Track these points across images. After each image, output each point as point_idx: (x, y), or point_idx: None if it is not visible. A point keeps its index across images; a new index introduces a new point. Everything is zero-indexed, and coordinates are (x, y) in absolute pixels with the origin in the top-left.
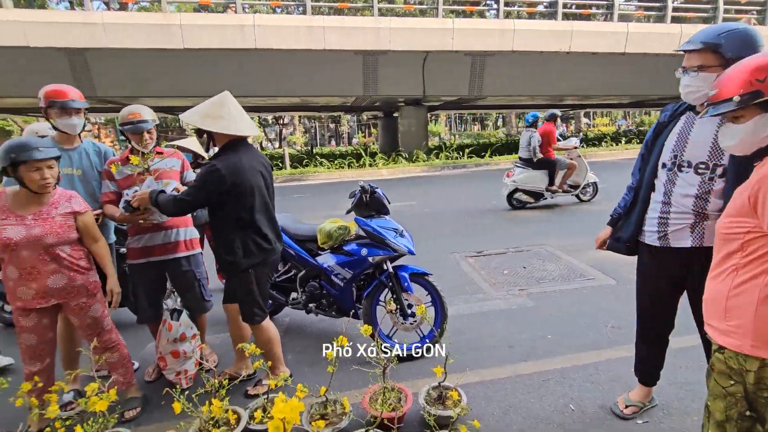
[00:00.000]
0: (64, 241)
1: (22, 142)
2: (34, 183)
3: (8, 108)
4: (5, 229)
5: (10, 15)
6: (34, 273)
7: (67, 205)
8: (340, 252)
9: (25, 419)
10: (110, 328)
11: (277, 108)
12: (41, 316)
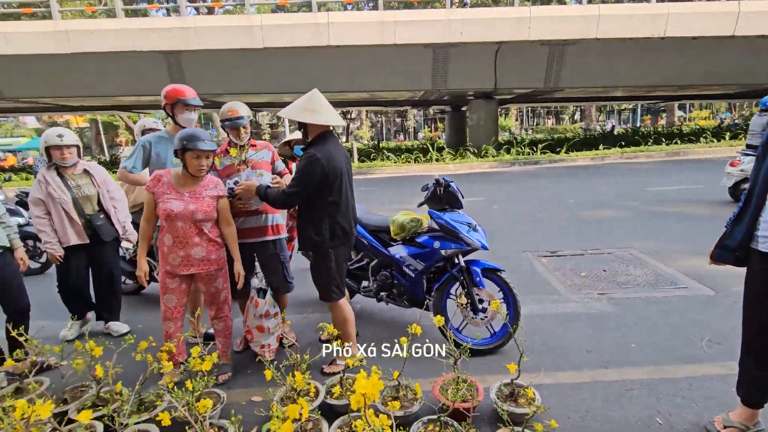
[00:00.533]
0: (208, 219)
1: (193, 133)
2: (193, 167)
3: (116, 105)
4: (169, 201)
5: (122, 24)
6: (183, 242)
7: (214, 189)
8: (413, 244)
9: (144, 372)
10: (225, 299)
11: (346, 103)
12: (182, 281)
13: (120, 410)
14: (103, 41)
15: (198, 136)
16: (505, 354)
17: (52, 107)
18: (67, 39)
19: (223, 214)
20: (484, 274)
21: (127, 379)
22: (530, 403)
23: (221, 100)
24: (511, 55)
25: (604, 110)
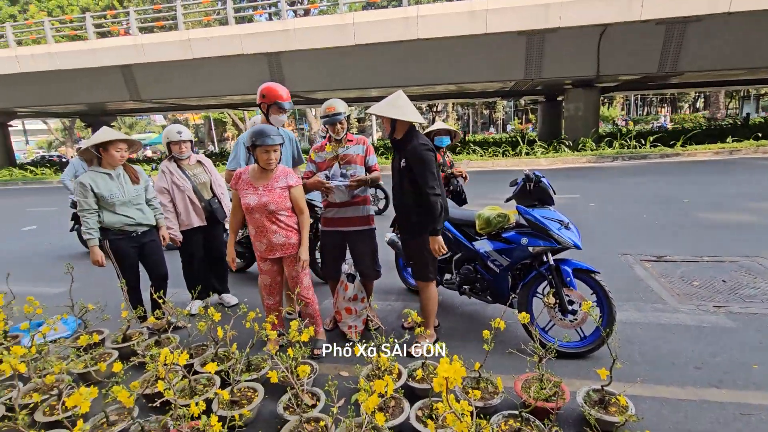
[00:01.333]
0: (282, 208)
1: (262, 130)
2: (263, 161)
3: (225, 104)
4: (246, 196)
5: (232, 30)
6: (263, 231)
7: (284, 180)
8: (499, 239)
9: (252, 338)
10: (307, 285)
11: (433, 96)
12: (272, 263)
13: (234, 368)
14: (217, 46)
15: (266, 133)
16: (594, 360)
17: (175, 107)
18: (189, 46)
19: (296, 202)
20: (575, 275)
21: (238, 343)
22: (622, 412)
23: (314, 97)
24: (618, 38)
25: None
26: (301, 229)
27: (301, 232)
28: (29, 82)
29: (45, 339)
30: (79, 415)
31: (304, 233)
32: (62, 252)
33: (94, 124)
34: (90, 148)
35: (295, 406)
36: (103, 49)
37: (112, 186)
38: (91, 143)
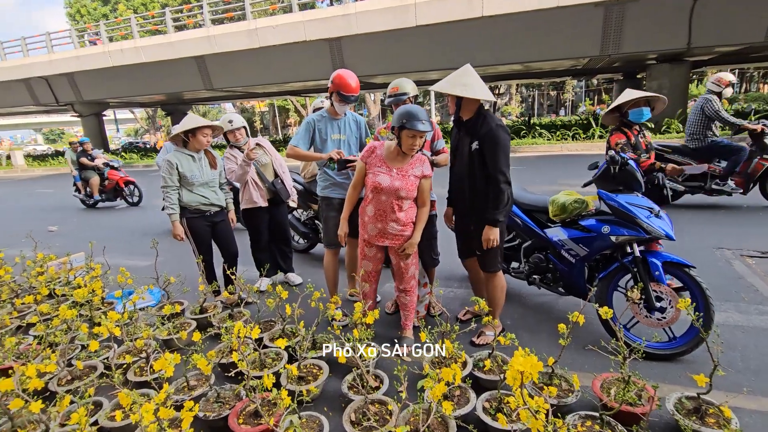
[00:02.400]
0: (410, 197)
1: (414, 112)
2: (407, 146)
3: (288, 91)
4: (379, 174)
5: (295, 17)
6: (383, 215)
7: (419, 168)
8: (575, 227)
9: (318, 317)
10: (413, 275)
11: (496, 77)
12: (378, 250)
13: (300, 345)
14: (282, 34)
15: (417, 116)
16: (683, 364)
17: (243, 95)
18: (256, 35)
19: (421, 193)
20: (666, 269)
21: (304, 321)
22: (724, 425)
23: (373, 81)
24: (716, 5)
25: None
26: (419, 222)
27: (416, 224)
28: (119, 75)
29: (135, 307)
30: (165, 378)
31: (419, 226)
32: (149, 229)
33: (173, 113)
34: (180, 133)
35: (359, 387)
36: (180, 42)
37: (193, 167)
38: (181, 129)
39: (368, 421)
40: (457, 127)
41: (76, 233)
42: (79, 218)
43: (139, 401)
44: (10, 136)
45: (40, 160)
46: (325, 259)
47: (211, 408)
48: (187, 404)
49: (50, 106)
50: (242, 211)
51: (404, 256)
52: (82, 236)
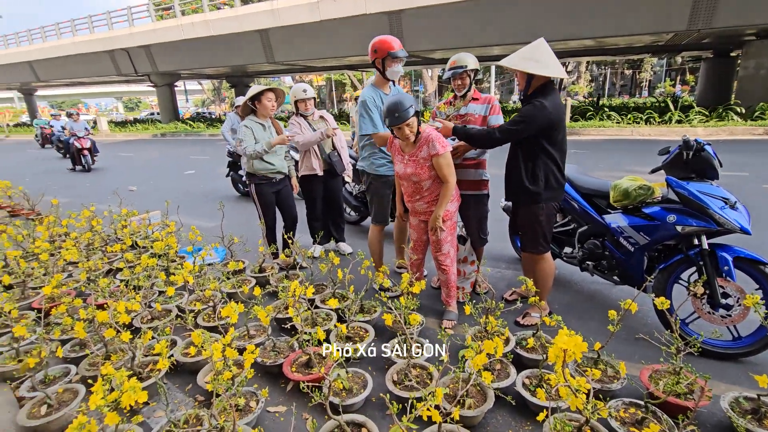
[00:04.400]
0: (424, 178)
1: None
2: (401, 136)
3: (345, 65)
4: (396, 163)
5: None
6: (410, 196)
7: (426, 149)
8: (637, 214)
9: (366, 284)
10: (446, 252)
11: (564, 53)
12: (420, 221)
13: (350, 308)
14: (343, 7)
15: (393, 110)
16: (747, 364)
17: (303, 68)
18: (318, 8)
19: (438, 170)
20: (736, 265)
21: (353, 287)
22: None
23: (432, 57)
24: None
25: None
26: (442, 197)
27: (440, 200)
28: (190, 48)
29: (203, 261)
30: (230, 324)
31: (441, 201)
32: (215, 193)
33: (237, 85)
34: (246, 102)
35: (403, 351)
36: (245, 15)
37: (264, 135)
38: (246, 98)
39: (410, 381)
40: (524, 105)
41: (150, 193)
42: (156, 181)
43: (210, 340)
44: (96, 103)
45: (120, 126)
46: (371, 233)
47: (268, 355)
48: (249, 347)
49: (130, 76)
50: (300, 178)
51: (433, 230)
52: (156, 196)
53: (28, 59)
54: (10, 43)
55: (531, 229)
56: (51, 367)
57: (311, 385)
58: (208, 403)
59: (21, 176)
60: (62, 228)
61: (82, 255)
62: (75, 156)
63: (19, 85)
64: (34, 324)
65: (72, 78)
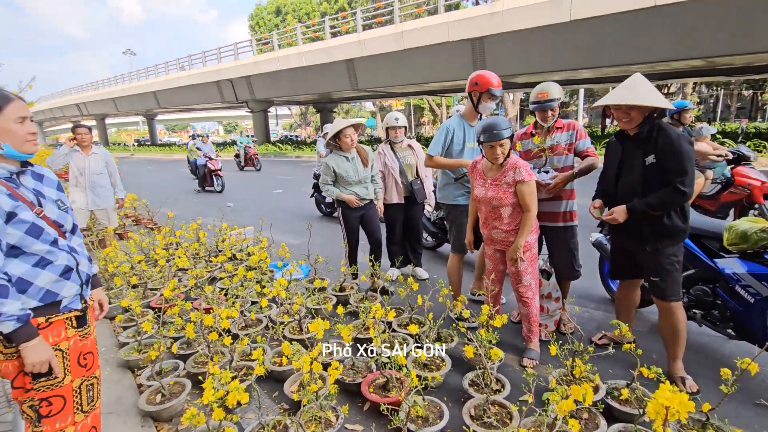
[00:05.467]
0: (505, 204)
1: (489, 124)
2: (489, 156)
3: (425, 91)
4: (476, 187)
5: (440, 19)
6: (486, 223)
7: (512, 174)
8: (759, 260)
9: (444, 312)
10: (528, 284)
11: (667, 75)
12: (496, 250)
13: (427, 334)
14: (426, 36)
15: (491, 127)
16: None
17: (383, 94)
18: (401, 38)
19: (521, 199)
20: None
21: (432, 314)
22: None
23: (514, 81)
24: None
25: None
26: (523, 227)
27: (520, 230)
28: (284, 78)
29: (291, 277)
30: (316, 339)
31: (522, 231)
32: (301, 212)
33: (322, 111)
34: (329, 140)
35: (481, 386)
36: (335, 47)
37: (348, 167)
38: (329, 137)
39: (489, 418)
40: (621, 142)
41: (245, 209)
42: (250, 198)
43: (301, 352)
44: (201, 126)
45: (220, 147)
46: (450, 262)
47: (347, 373)
48: (333, 363)
49: (231, 103)
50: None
51: (512, 261)
52: (249, 213)
53: (153, 89)
54: (141, 76)
55: (670, 274)
56: (165, 361)
57: (390, 408)
58: (292, 411)
59: (159, 192)
60: (175, 238)
61: (190, 263)
62: (206, 177)
63: (144, 111)
64: (154, 321)
65: (185, 105)
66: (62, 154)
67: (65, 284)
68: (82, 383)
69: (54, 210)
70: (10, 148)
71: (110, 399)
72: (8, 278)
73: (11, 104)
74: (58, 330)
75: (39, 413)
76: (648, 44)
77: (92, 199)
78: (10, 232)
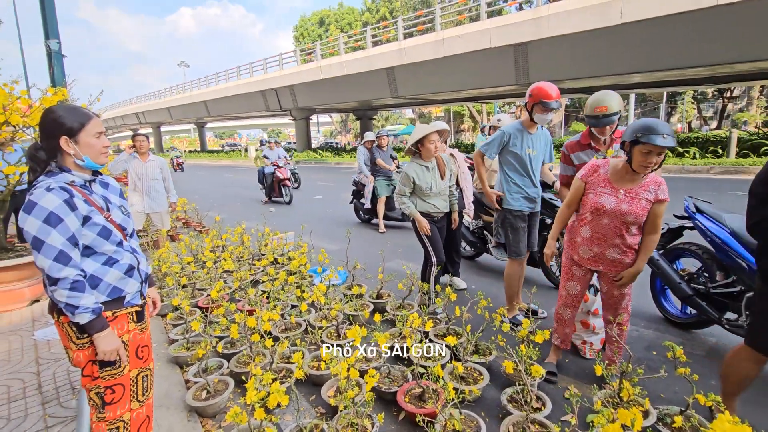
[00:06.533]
0: (639, 222)
1: (652, 126)
2: (638, 163)
3: (465, 98)
4: (602, 195)
5: (482, 26)
6: (602, 239)
7: (654, 189)
8: None
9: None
10: (626, 308)
11: (727, 78)
12: (587, 272)
13: (465, 346)
14: (467, 43)
15: (656, 129)
16: None
17: (423, 101)
18: (442, 45)
19: (653, 219)
20: None
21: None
22: None
23: (560, 86)
24: None
25: None
26: (645, 251)
27: (641, 253)
28: (326, 86)
29: (329, 282)
30: (353, 346)
31: (644, 255)
32: (339, 218)
33: (362, 118)
34: (410, 147)
35: (521, 403)
36: (376, 55)
37: (428, 177)
38: (411, 142)
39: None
40: None
41: (286, 214)
42: (292, 204)
43: (339, 358)
44: (247, 133)
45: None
46: (509, 268)
47: (383, 381)
48: (370, 371)
49: (275, 111)
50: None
51: (619, 285)
52: (291, 218)
53: (203, 99)
54: (193, 87)
55: None
56: (210, 359)
57: (426, 419)
58: (329, 415)
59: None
60: (221, 241)
61: (235, 266)
62: (274, 187)
63: (195, 119)
64: (201, 321)
65: (233, 113)
66: (122, 161)
67: (129, 281)
68: (139, 374)
69: (119, 215)
70: (89, 160)
71: (160, 392)
72: (84, 275)
73: (92, 121)
74: (122, 323)
75: (104, 400)
76: (706, 46)
77: (148, 203)
78: (85, 234)
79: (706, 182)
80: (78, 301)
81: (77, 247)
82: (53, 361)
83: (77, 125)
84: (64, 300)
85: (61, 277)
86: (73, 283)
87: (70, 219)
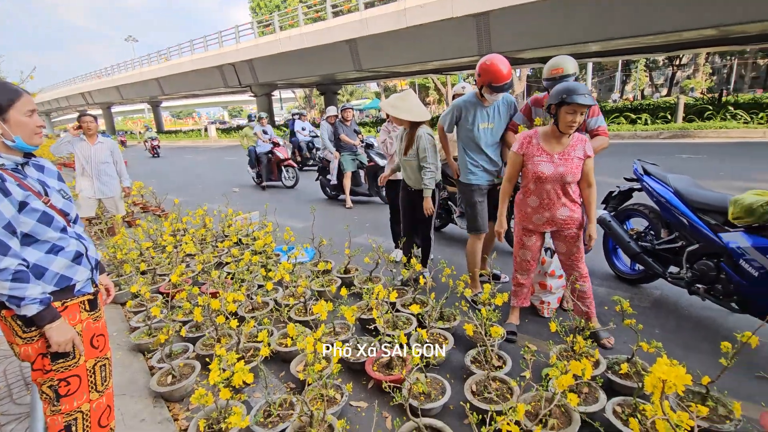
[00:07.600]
0: (575, 181)
1: (573, 88)
2: (565, 123)
3: (429, 70)
4: (540, 164)
5: None
6: (550, 203)
7: (581, 148)
8: (764, 234)
9: (446, 292)
10: (583, 260)
11: (679, 45)
12: (538, 238)
13: (430, 314)
14: (429, 13)
15: (577, 90)
16: None
17: (387, 74)
18: (404, 15)
19: (587, 175)
20: None
21: (435, 294)
22: None
23: (521, 57)
24: None
25: None
26: (590, 204)
27: (587, 207)
28: (286, 60)
29: (296, 260)
30: (320, 321)
31: (592, 209)
32: (305, 196)
33: (326, 93)
34: None
35: (483, 362)
36: (337, 27)
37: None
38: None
39: (489, 394)
40: None
41: (250, 194)
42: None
43: (305, 333)
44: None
45: (225, 132)
46: (470, 245)
47: (352, 352)
48: (337, 344)
49: (234, 87)
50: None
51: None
52: (255, 197)
53: (156, 76)
54: (143, 63)
55: None
56: (174, 344)
57: (392, 386)
58: (298, 390)
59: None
60: (182, 224)
61: (197, 248)
62: (272, 168)
63: (148, 98)
64: (163, 306)
65: (189, 90)
66: (65, 142)
67: (77, 269)
68: (96, 364)
69: (59, 199)
70: (21, 141)
71: (123, 381)
72: (27, 264)
73: (22, 98)
74: (73, 313)
75: (58, 393)
76: (658, 14)
77: (99, 187)
78: (23, 221)
79: (656, 146)
80: (23, 293)
81: (15, 235)
82: (2, 357)
83: (5, 101)
84: (6, 292)
85: (1, 268)
86: (15, 274)
87: (4, 205)
